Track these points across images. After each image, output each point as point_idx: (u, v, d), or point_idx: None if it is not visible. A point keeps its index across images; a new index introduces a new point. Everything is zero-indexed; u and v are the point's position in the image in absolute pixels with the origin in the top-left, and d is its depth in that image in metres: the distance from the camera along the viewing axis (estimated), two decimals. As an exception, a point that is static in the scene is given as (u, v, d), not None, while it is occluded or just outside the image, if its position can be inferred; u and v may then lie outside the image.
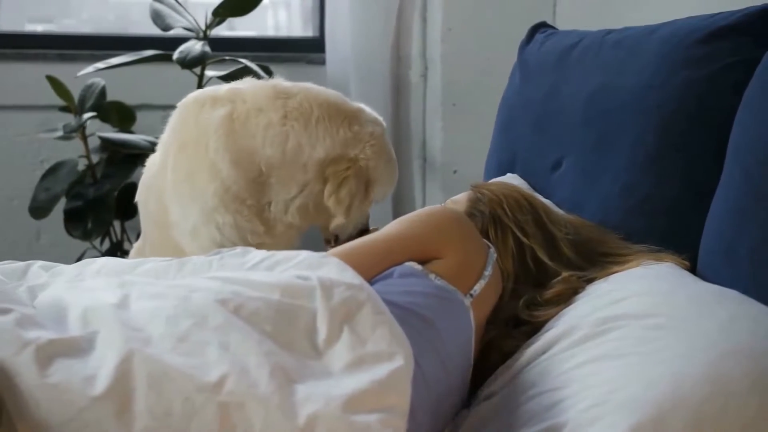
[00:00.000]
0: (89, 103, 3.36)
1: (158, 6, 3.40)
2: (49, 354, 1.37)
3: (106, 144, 3.40)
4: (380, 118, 2.34)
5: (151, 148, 3.37)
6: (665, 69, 2.18)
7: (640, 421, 1.49)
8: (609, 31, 2.46)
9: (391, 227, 1.90)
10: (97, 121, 3.47)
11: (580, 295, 1.91)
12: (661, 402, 1.50)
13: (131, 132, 3.56)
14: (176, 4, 3.40)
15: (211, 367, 1.38)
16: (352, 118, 2.24)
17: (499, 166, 2.65)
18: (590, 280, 1.96)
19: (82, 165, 3.44)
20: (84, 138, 3.38)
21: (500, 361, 1.88)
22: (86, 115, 3.28)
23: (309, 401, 1.37)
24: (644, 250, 2.02)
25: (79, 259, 3.46)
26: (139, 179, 3.49)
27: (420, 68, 3.77)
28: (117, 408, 1.33)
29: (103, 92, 3.39)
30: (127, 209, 3.47)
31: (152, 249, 2.31)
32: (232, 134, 2.18)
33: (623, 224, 2.15)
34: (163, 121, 3.72)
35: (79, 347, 1.41)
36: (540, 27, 2.79)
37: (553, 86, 2.51)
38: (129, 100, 3.59)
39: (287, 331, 1.49)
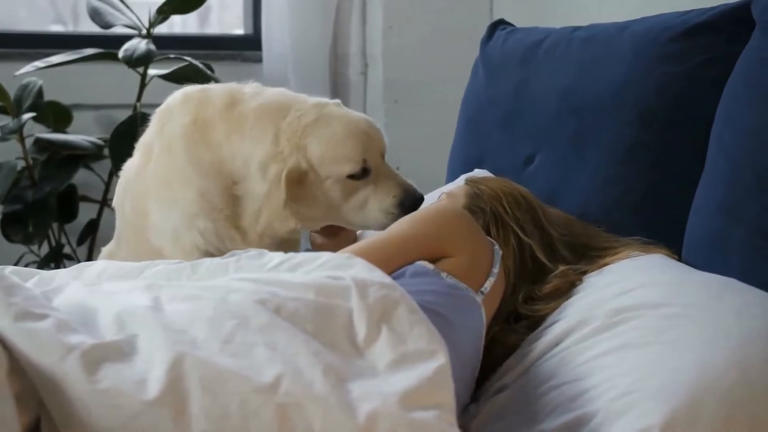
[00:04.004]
0: (27, 104, 3.25)
1: (96, 3, 3.32)
2: (94, 359, 1.35)
3: (46, 145, 3.31)
4: (319, 103, 2.18)
5: (92, 148, 3.31)
6: (641, 65, 2.24)
7: (675, 408, 1.53)
8: (576, 28, 2.51)
9: (400, 226, 1.90)
10: (30, 121, 3.37)
11: (579, 288, 1.95)
12: (692, 389, 1.55)
13: (65, 132, 3.48)
14: (116, 2, 3.33)
15: (263, 367, 1.37)
16: (284, 111, 2.13)
17: (465, 162, 2.67)
18: (583, 273, 2.00)
19: (18, 167, 3.33)
20: (22, 139, 3.27)
21: (505, 355, 1.91)
22: (26, 116, 3.18)
23: (366, 399, 1.37)
24: (632, 242, 2.07)
25: (16, 264, 3.36)
26: (80, 181, 3.44)
27: (359, 66, 3.78)
28: (173, 412, 1.31)
29: (40, 92, 3.29)
30: (68, 212, 3.40)
31: (129, 252, 2.25)
32: (195, 146, 2.12)
33: (605, 217, 2.20)
34: (97, 120, 3.67)
35: (121, 351, 1.38)
36: (499, 24, 2.82)
37: (521, 82, 2.55)
38: (62, 99, 3.49)
39: (328, 330, 1.49)
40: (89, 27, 4.16)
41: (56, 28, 4.44)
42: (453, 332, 1.73)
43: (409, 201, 2.11)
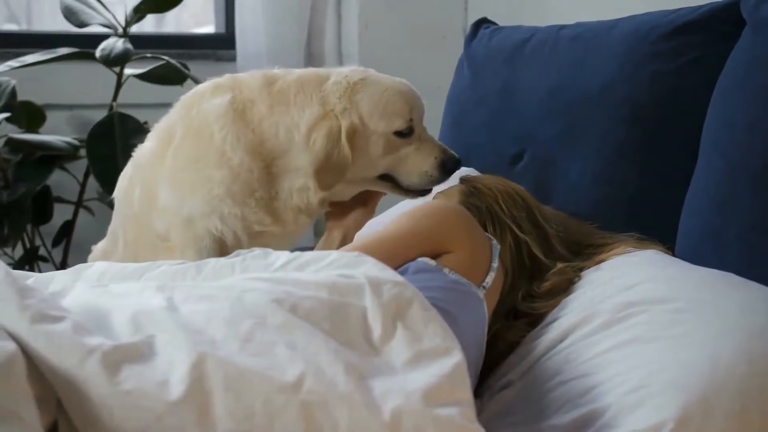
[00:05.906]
0: (0, 104, 3.21)
1: (71, 2, 3.28)
2: (115, 361, 1.33)
3: (20, 146, 3.26)
4: (357, 68, 2.20)
5: (68, 149, 3.27)
6: (632, 63, 2.26)
7: (688, 402, 1.54)
8: (562, 27, 2.53)
9: (400, 224, 1.89)
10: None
11: (578, 284, 1.96)
12: (703, 383, 1.56)
13: (38, 133, 3.43)
14: (92, 1, 3.29)
15: (285, 366, 1.36)
16: (323, 79, 2.14)
17: (451, 161, 2.67)
18: (580, 269, 2.01)
19: (-9, 167, 3.29)
20: (-5, 140, 3.24)
21: (506, 351, 1.92)
22: (0, 116, 3.14)
23: (388, 397, 1.37)
24: (626, 239, 2.09)
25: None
26: (54, 182, 3.40)
27: (334, 65, 3.76)
28: (197, 413, 1.30)
29: (14, 92, 3.24)
30: (42, 213, 3.36)
31: (127, 244, 2.22)
32: (234, 125, 2.10)
33: (596, 215, 2.21)
34: (70, 121, 3.63)
35: (141, 353, 1.36)
36: (483, 23, 2.83)
37: (508, 81, 2.56)
38: (35, 99, 3.45)
39: (344, 329, 1.48)
40: (43, 26, 4.14)
41: (9, 27, 4.38)
42: (458, 328, 1.72)
43: (450, 163, 2.11)
